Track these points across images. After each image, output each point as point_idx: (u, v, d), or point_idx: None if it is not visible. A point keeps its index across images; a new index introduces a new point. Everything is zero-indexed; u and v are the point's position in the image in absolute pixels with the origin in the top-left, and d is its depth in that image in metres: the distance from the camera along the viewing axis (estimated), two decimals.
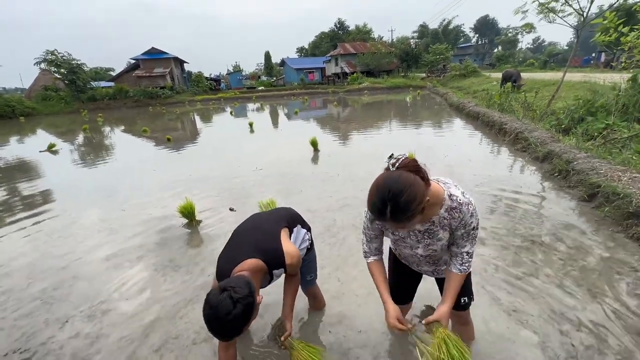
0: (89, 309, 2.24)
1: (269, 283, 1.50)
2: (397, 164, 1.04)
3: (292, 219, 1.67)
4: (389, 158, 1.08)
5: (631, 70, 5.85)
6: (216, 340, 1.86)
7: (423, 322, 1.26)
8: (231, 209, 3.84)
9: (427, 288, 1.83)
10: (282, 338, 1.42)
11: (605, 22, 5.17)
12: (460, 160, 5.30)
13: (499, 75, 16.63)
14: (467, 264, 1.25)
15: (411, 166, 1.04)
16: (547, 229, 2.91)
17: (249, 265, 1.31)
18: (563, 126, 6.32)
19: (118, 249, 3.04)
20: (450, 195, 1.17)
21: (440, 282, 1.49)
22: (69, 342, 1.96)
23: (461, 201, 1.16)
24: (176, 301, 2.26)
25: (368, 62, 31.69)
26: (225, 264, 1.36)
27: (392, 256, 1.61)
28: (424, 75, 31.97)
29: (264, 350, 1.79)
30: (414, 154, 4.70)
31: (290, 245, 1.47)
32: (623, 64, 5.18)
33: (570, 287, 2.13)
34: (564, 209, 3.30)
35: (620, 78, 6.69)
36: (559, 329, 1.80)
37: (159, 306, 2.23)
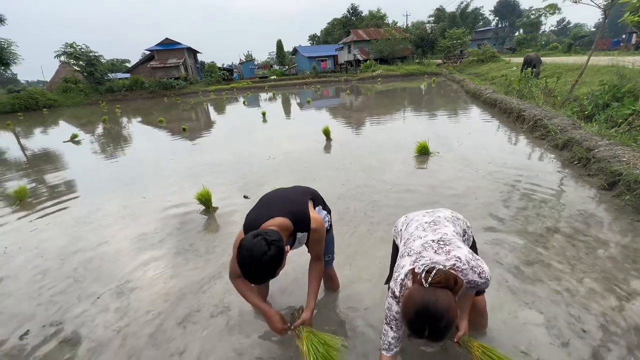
0: (117, 286, 2.40)
1: (290, 248, 1.52)
2: (431, 279, 1.05)
3: (315, 197, 1.72)
4: (424, 272, 1.08)
5: None
6: (232, 312, 2.00)
7: (455, 340, 1.36)
8: (245, 197, 3.95)
9: None
10: (293, 325, 1.47)
11: (635, 0, 4.86)
12: (475, 148, 5.20)
13: (520, 60, 15.96)
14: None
15: (444, 282, 1.05)
16: (563, 217, 2.86)
17: (278, 222, 1.38)
18: (586, 113, 6.06)
19: (140, 232, 3.20)
20: (468, 282, 1.21)
21: None
22: (100, 315, 2.12)
23: (479, 284, 1.22)
24: (199, 278, 2.41)
25: (382, 48, 30.95)
26: (255, 219, 1.42)
27: (394, 245, 1.66)
28: (439, 61, 31.01)
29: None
30: (427, 142, 4.63)
31: (316, 213, 1.55)
32: None
33: (584, 274, 2.12)
34: (582, 197, 3.23)
35: None
36: (569, 313, 1.80)
37: (182, 283, 2.37)
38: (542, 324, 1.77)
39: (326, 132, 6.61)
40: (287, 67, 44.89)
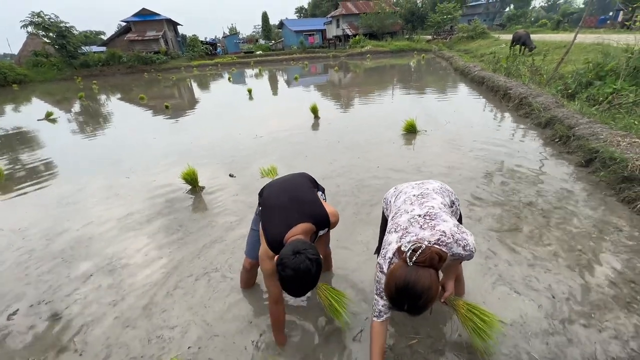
0: (108, 265, 2.41)
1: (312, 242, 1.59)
2: (415, 258, 1.08)
3: (314, 183, 1.75)
4: (409, 251, 1.11)
5: None
6: (217, 273, 2.08)
7: (442, 300, 1.44)
8: (231, 175, 3.92)
9: None
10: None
11: None
12: (462, 126, 5.26)
13: (509, 37, 15.85)
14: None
15: (427, 262, 1.09)
16: (541, 194, 2.98)
17: (301, 228, 1.41)
18: (570, 91, 6.17)
19: (127, 212, 3.17)
20: (452, 254, 1.25)
21: None
22: (93, 292, 2.15)
23: (463, 256, 1.26)
24: (190, 250, 2.47)
25: (371, 23, 30.03)
26: (278, 233, 1.42)
27: (384, 216, 1.71)
28: (429, 37, 30.44)
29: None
30: (414, 121, 4.64)
31: (330, 206, 1.59)
32: (637, 23, 4.92)
33: (554, 244, 2.25)
34: (561, 174, 3.36)
35: (635, 39, 6.39)
36: (539, 279, 1.94)
37: (175, 255, 2.43)
38: (516, 292, 1.89)
39: (314, 110, 6.51)
40: (273, 41, 43.15)
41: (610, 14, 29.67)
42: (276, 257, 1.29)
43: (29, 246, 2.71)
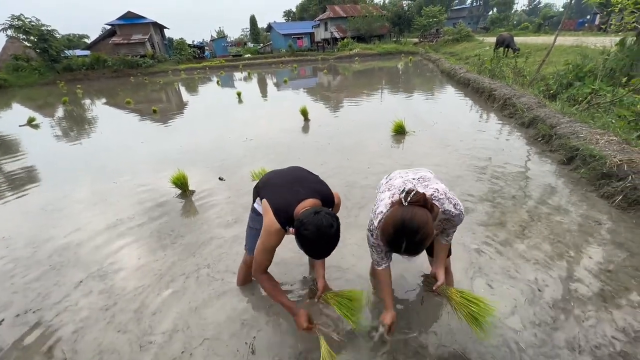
0: (99, 270, 2.37)
1: None
2: (409, 199, 1.10)
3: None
4: (404, 193, 1.13)
5: (620, 34, 5.84)
6: (217, 283, 2.05)
7: (434, 288, 1.48)
8: (220, 179, 3.90)
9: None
10: (316, 298, 1.60)
11: None
12: (449, 126, 5.38)
13: (493, 39, 16.27)
14: (451, 236, 1.51)
15: (422, 201, 1.10)
16: (525, 190, 3.08)
17: (310, 203, 1.42)
18: (551, 91, 6.39)
19: (116, 218, 3.11)
20: (444, 211, 1.29)
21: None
22: (84, 298, 2.10)
23: (453, 215, 1.31)
24: (181, 253, 2.45)
25: (359, 26, 30.36)
26: (285, 203, 1.40)
27: None
28: (416, 40, 30.96)
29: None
30: (403, 122, 4.73)
31: (333, 191, 1.63)
32: (612, 26, 5.15)
33: (537, 238, 2.33)
34: (543, 171, 3.48)
35: (610, 42, 6.68)
36: (520, 272, 2.00)
37: (167, 258, 2.41)
38: (487, 279, 1.95)
39: (304, 113, 6.54)
40: (261, 44, 43.09)
41: (588, 17, 30.82)
42: (290, 229, 1.30)
43: (13, 255, 2.63)
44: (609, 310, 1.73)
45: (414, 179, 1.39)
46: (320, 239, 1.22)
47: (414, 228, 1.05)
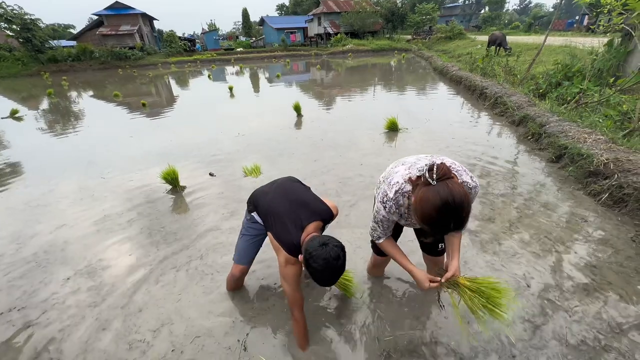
0: (87, 267, 2.32)
1: None
2: (436, 175, 1.03)
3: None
4: (427, 171, 1.05)
5: (608, 35, 5.95)
6: (205, 279, 2.03)
7: (443, 280, 1.36)
8: (211, 174, 3.85)
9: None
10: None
11: None
12: (441, 124, 5.42)
13: (485, 38, 16.42)
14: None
15: (449, 173, 1.04)
16: (514, 188, 3.13)
17: (314, 227, 1.48)
18: (541, 91, 6.48)
19: (104, 214, 3.04)
20: (462, 182, 1.23)
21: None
22: (72, 296, 2.06)
23: (470, 187, 1.25)
24: (172, 249, 2.40)
25: (352, 22, 30.22)
26: (294, 236, 1.44)
27: None
28: (409, 37, 31.03)
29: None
30: (396, 119, 4.73)
31: (329, 201, 1.67)
32: (601, 27, 5.24)
33: (525, 234, 2.38)
34: (532, 169, 3.54)
35: (598, 42, 6.80)
36: (507, 267, 2.04)
37: (158, 254, 2.37)
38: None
39: (297, 108, 6.49)
40: (254, 38, 42.49)
41: (577, 17, 31.32)
42: (300, 256, 1.37)
43: None
44: (594, 305, 1.77)
45: (425, 156, 1.34)
46: (327, 270, 1.27)
47: (458, 205, 0.98)
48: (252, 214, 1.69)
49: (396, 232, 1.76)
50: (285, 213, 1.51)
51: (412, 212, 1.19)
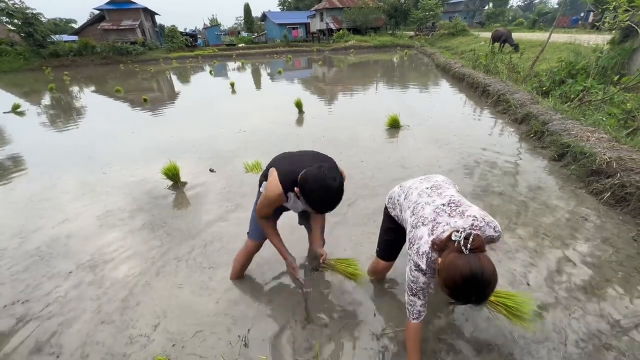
0: (90, 261, 2.33)
1: None
2: (470, 245, 1.03)
3: None
4: (462, 238, 1.04)
5: (613, 32, 5.88)
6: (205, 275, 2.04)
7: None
8: (211, 170, 3.85)
9: None
10: (322, 261, 1.67)
11: None
12: (443, 121, 5.39)
13: (488, 34, 16.28)
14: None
15: (483, 247, 1.04)
16: (516, 187, 3.12)
17: None
18: (544, 88, 6.44)
19: (106, 209, 3.05)
20: (486, 238, 1.22)
21: None
22: (75, 289, 2.08)
23: (494, 238, 1.25)
24: (174, 244, 2.42)
25: (355, 17, 29.98)
26: (291, 170, 1.41)
27: (387, 216, 1.70)
28: (412, 33, 30.79)
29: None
30: (398, 116, 4.71)
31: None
32: (606, 24, 5.18)
33: (527, 233, 2.37)
34: (535, 167, 3.52)
35: (602, 40, 6.74)
36: (505, 265, 2.05)
37: (160, 249, 2.38)
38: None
39: (298, 105, 6.47)
40: (256, 34, 42.29)
41: (582, 14, 30.95)
42: (296, 189, 1.33)
43: None
44: (594, 303, 1.78)
45: (443, 204, 1.29)
46: (322, 189, 1.22)
47: (485, 280, 0.99)
48: (260, 188, 1.68)
49: (401, 243, 1.72)
50: (293, 156, 1.56)
51: (435, 272, 1.16)
